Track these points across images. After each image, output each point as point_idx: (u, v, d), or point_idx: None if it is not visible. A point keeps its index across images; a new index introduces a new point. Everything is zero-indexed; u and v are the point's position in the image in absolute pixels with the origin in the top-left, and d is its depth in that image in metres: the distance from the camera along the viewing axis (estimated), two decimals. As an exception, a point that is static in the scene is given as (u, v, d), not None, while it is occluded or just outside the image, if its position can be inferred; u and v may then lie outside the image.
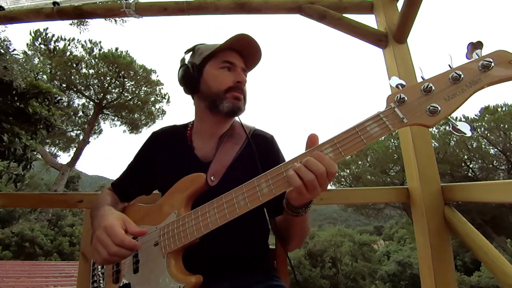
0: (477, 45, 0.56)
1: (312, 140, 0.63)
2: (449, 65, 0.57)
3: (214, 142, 0.89)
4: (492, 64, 0.54)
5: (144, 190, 0.95)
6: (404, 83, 0.60)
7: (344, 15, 1.50)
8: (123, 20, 10.62)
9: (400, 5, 1.40)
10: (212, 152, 0.86)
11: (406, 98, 0.58)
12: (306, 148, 0.63)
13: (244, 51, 0.89)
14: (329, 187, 0.66)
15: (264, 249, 0.89)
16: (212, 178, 0.78)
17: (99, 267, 0.83)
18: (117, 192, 0.94)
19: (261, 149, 0.88)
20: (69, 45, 12.99)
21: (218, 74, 0.86)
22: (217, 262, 0.78)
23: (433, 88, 0.57)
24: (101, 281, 0.80)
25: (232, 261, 0.79)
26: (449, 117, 0.56)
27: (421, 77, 0.59)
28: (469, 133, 0.54)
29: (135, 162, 0.96)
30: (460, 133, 0.55)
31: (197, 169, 0.77)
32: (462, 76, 0.55)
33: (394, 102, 0.59)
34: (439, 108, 0.55)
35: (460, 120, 0.55)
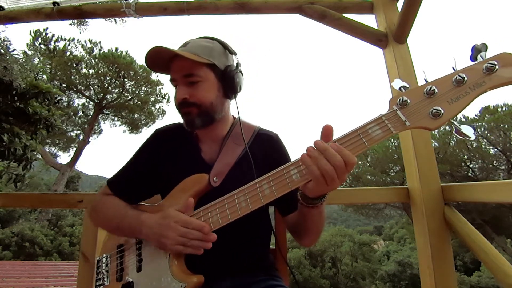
0: (482, 47, 0.55)
1: (327, 131, 0.60)
2: (453, 68, 0.57)
3: (218, 144, 0.87)
4: (497, 67, 0.53)
5: (146, 193, 0.89)
6: (407, 85, 0.59)
7: (344, 15, 1.50)
8: (123, 20, 10.64)
9: (400, 5, 1.40)
10: (216, 154, 0.85)
11: (408, 101, 0.57)
12: (321, 139, 0.60)
13: (163, 61, 0.80)
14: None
15: (266, 249, 0.89)
16: (215, 179, 0.77)
17: (103, 265, 0.83)
18: (118, 194, 0.86)
19: (265, 149, 0.87)
20: (69, 45, 13.01)
21: (174, 96, 0.82)
22: (219, 262, 0.78)
23: (436, 90, 0.56)
24: (105, 279, 0.80)
25: (234, 261, 0.79)
26: (452, 120, 0.55)
27: (424, 79, 0.58)
28: (472, 136, 0.54)
29: (136, 161, 0.89)
30: (464, 137, 0.54)
31: (203, 171, 0.77)
32: (466, 78, 0.54)
33: (397, 104, 0.58)
34: (442, 111, 0.54)
35: (462, 122, 0.54)
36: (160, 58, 0.78)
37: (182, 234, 0.64)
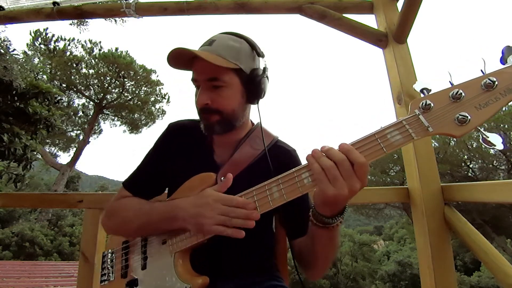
0: None
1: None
2: (482, 71, 0.52)
3: (232, 147, 0.85)
4: None
5: (163, 188, 0.89)
6: (430, 88, 0.55)
7: (344, 15, 1.49)
8: (123, 20, 10.65)
9: (400, 5, 1.40)
10: (229, 157, 0.82)
11: (432, 105, 0.53)
12: None
13: (186, 60, 0.76)
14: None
15: (269, 250, 0.89)
16: (222, 179, 0.75)
17: (108, 260, 0.82)
18: (137, 194, 0.84)
19: (280, 161, 0.83)
20: (69, 45, 13.04)
21: (195, 95, 0.80)
22: (224, 263, 0.77)
23: (463, 95, 0.51)
24: (110, 274, 0.79)
25: (239, 261, 0.79)
26: (479, 128, 0.50)
27: (450, 82, 0.54)
28: (501, 146, 0.49)
29: (152, 158, 0.87)
30: (491, 146, 0.50)
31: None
32: (496, 82, 0.50)
33: (419, 108, 0.54)
34: (469, 117, 0.50)
35: (487, 130, 0.49)
36: (182, 59, 0.76)
37: (223, 213, 0.60)
